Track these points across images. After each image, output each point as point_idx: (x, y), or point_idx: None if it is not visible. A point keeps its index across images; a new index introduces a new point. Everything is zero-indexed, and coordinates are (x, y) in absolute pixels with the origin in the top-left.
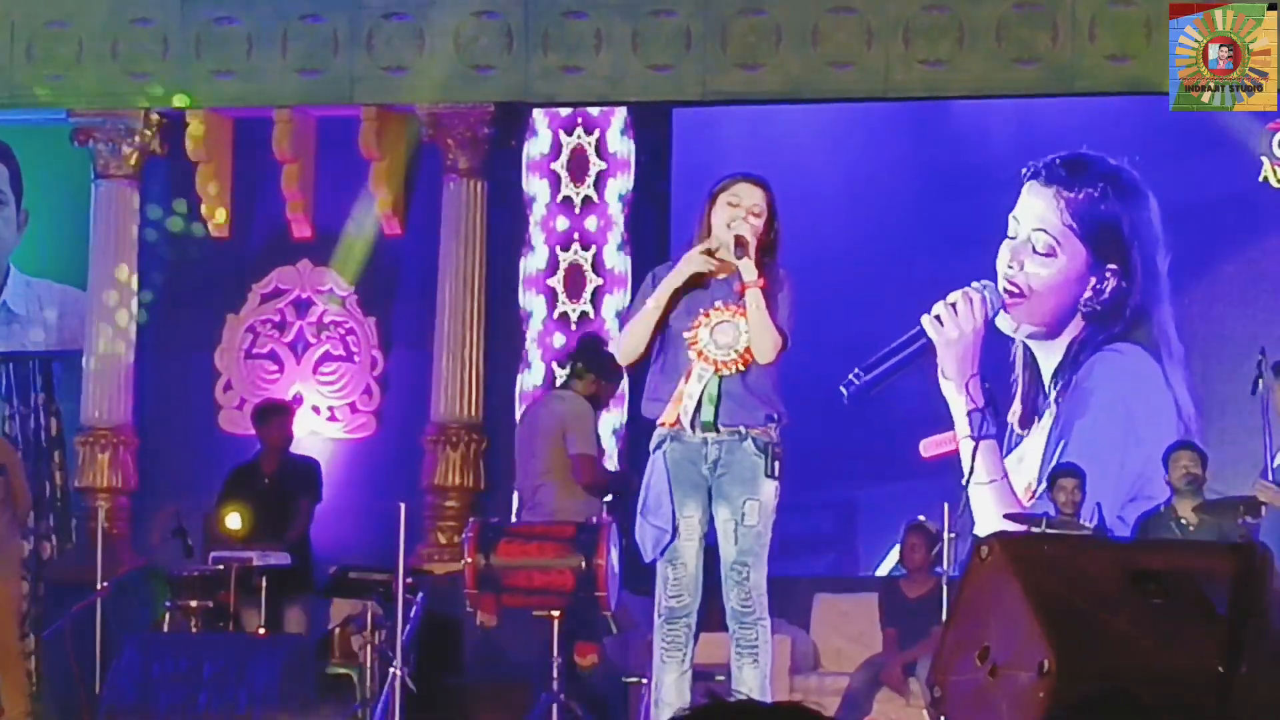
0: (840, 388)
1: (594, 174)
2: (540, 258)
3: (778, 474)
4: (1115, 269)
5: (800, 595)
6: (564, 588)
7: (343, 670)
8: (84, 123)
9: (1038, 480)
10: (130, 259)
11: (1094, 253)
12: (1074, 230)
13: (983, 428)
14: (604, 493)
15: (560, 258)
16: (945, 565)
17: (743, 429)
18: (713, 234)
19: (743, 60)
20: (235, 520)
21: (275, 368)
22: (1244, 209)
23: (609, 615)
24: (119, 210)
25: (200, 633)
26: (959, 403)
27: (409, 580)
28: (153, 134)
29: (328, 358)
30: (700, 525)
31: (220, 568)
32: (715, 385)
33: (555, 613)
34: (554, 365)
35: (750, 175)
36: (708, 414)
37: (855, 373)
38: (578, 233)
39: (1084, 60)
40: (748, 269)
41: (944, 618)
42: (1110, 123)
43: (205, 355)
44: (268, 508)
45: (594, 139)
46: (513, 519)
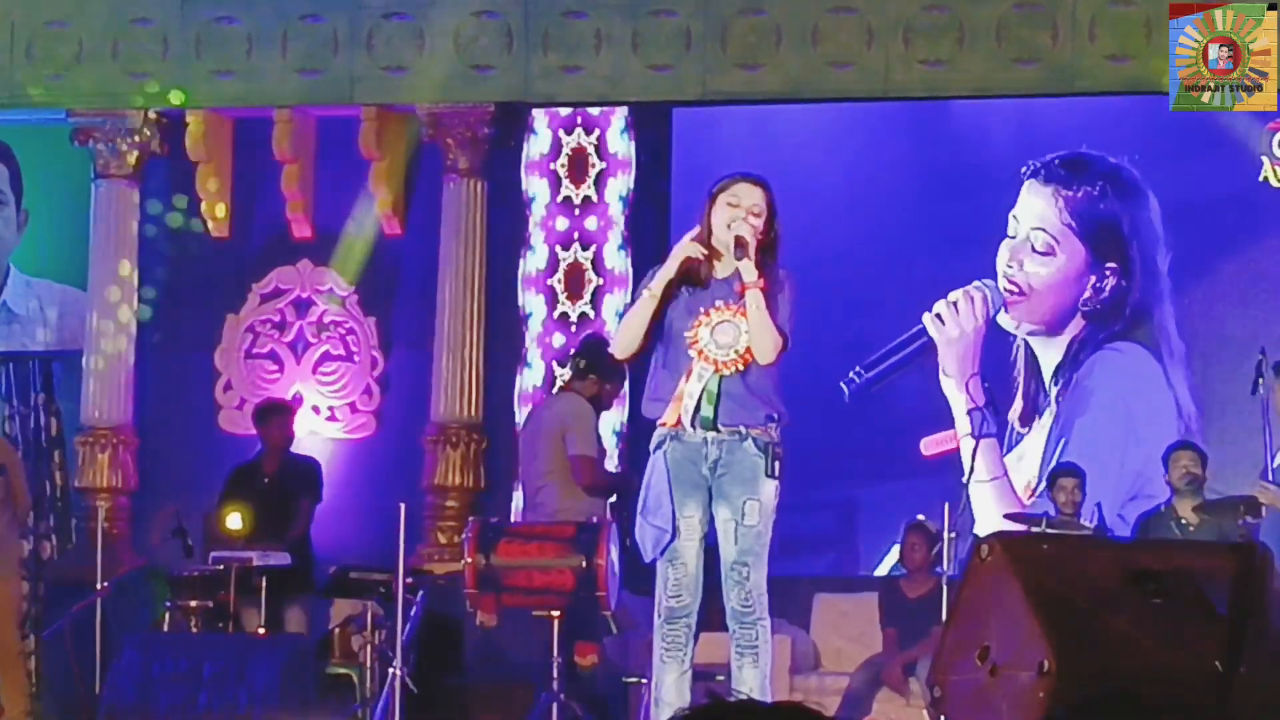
0: (841, 384)
1: (594, 174)
2: (540, 258)
3: (778, 474)
4: (1115, 267)
5: (800, 595)
6: (564, 588)
7: (343, 670)
8: (84, 123)
9: (1038, 479)
10: (130, 259)
11: (1093, 251)
12: (1073, 229)
13: (983, 426)
14: (604, 494)
15: (560, 258)
16: (945, 565)
17: (743, 429)
18: (713, 234)
19: (743, 60)
20: (236, 520)
21: (275, 368)
22: (1244, 209)
23: (609, 615)
24: (119, 210)
25: (200, 633)
26: (959, 401)
27: (409, 580)
28: (153, 134)
29: (328, 358)
30: (700, 525)
31: (220, 568)
32: (715, 384)
33: (555, 613)
34: (554, 365)
35: (750, 175)
36: (707, 413)
37: (856, 370)
38: (578, 233)
39: (1084, 60)
40: (748, 270)
41: (944, 618)
42: (1110, 123)
43: (205, 355)
44: (268, 507)
45: (594, 139)
46: (513, 519)
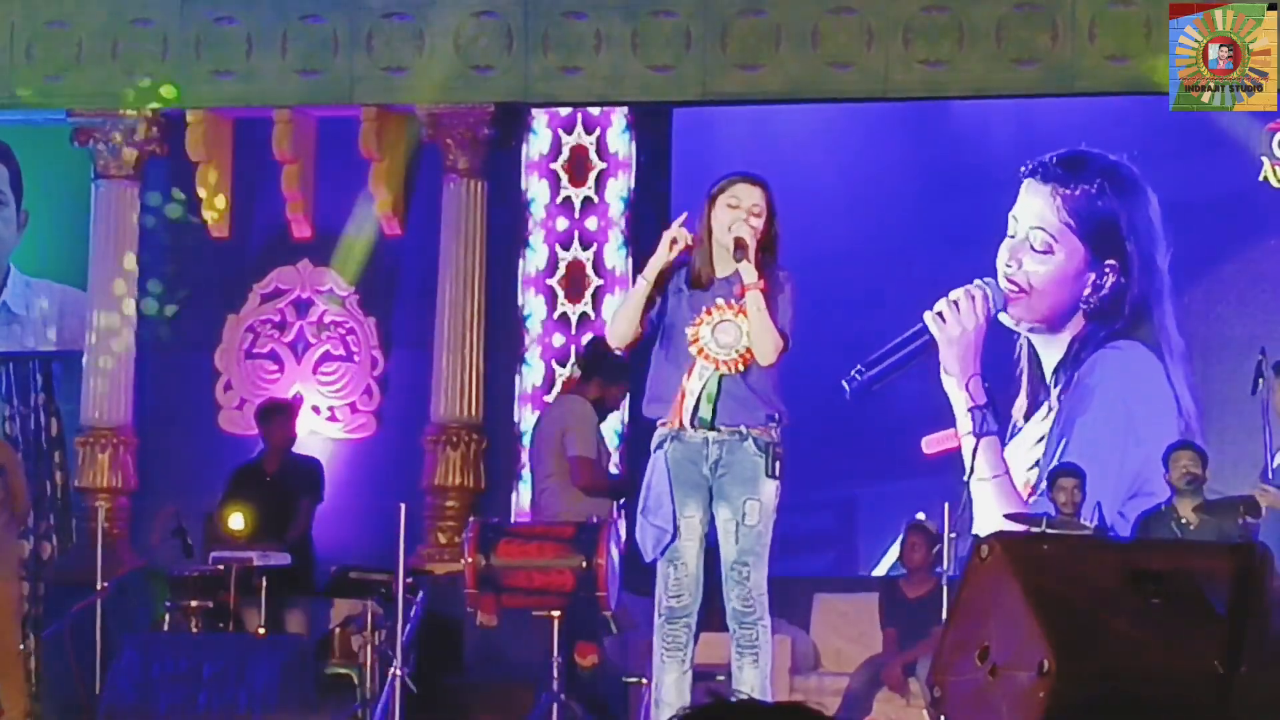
0: (843, 383)
1: (594, 174)
2: (540, 258)
3: (778, 474)
4: (1114, 265)
5: (800, 595)
6: (564, 588)
7: (343, 670)
8: (84, 123)
9: (1039, 479)
10: (130, 259)
11: (1092, 249)
12: (1071, 227)
13: (984, 425)
14: (602, 495)
15: (560, 257)
16: (945, 565)
17: (744, 429)
18: (713, 236)
19: (743, 60)
20: (238, 520)
21: (275, 368)
22: (1244, 209)
23: (609, 615)
24: (119, 210)
25: (200, 633)
26: (960, 400)
27: (409, 580)
28: (153, 133)
29: (328, 358)
30: (701, 525)
31: (220, 568)
32: (715, 384)
33: (555, 613)
34: (554, 365)
35: (748, 175)
36: (705, 412)
37: (858, 369)
38: (578, 232)
39: (1084, 60)
40: (748, 271)
41: (944, 618)
42: (1110, 123)
43: (205, 355)
44: (269, 507)
45: (594, 139)
46: (513, 519)
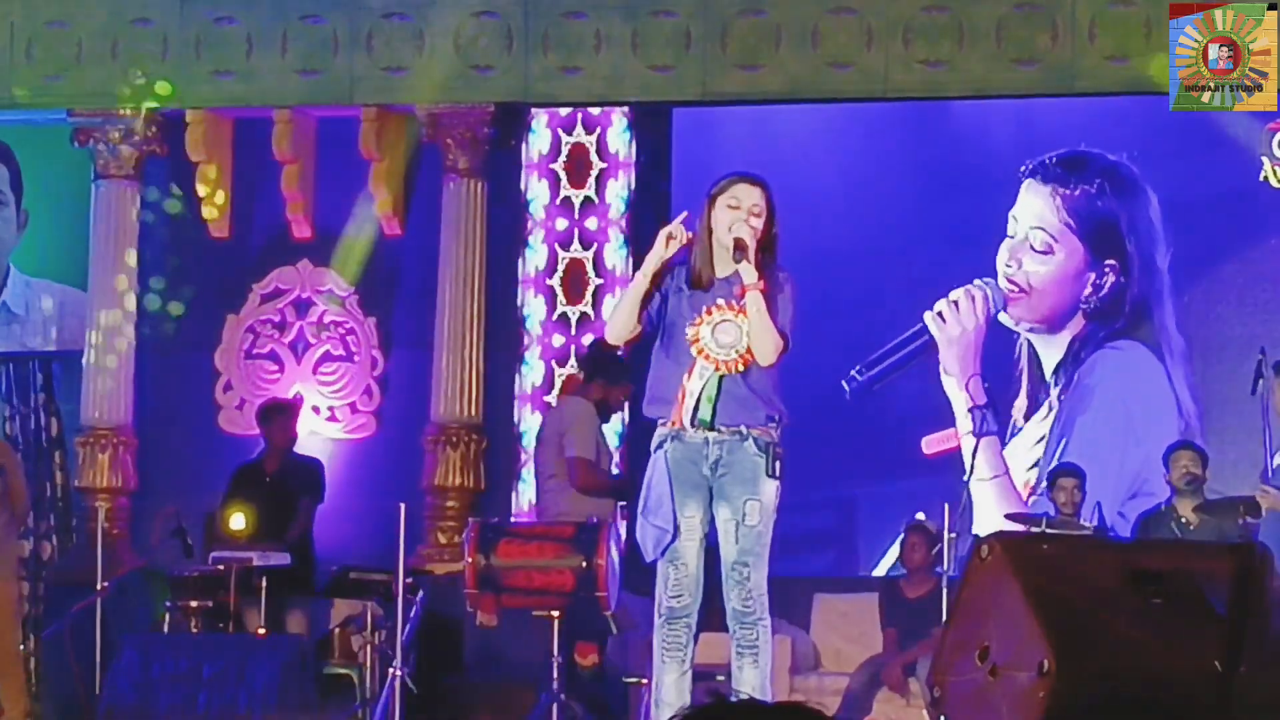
0: (843, 383)
1: (594, 174)
2: (540, 258)
3: (779, 474)
4: (1114, 265)
5: (800, 595)
6: (564, 588)
7: (343, 670)
8: (84, 123)
9: (1038, 479)
10: (131, 258)
11: (1091, 249)
12: (1071, 227)
13: (984, 425)
14: (601, 495)
15: (560, 258)
16: (945, 565)
17: (744, 429)
18: (713, 236)
19: (743, 60)
20: (239, 520)
21: (275, 368)
22: (1244, 209)
23: (609, 615)
24: (119, 210)
25: (200, 633)
26: (960, 399)
27: (409, 580)
28: (153, 133)
29: (328, 358)
30: (701, 525)
31: (220, 568)
32: (715, 384)
33: (555, 613)
34: (554, 365)
35: (748, 175)
36: (705, 412)
37: (858, 369)
38: (578, 232)
39: (1084, 60)
40: (748, 272)
41: (944, 618)
42: (1110, 123)
43: (205, 355)
44: (269, 507)
45: (594, 139)
46: (513, 519)
